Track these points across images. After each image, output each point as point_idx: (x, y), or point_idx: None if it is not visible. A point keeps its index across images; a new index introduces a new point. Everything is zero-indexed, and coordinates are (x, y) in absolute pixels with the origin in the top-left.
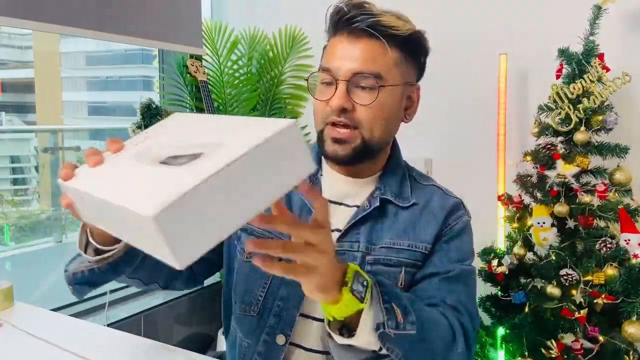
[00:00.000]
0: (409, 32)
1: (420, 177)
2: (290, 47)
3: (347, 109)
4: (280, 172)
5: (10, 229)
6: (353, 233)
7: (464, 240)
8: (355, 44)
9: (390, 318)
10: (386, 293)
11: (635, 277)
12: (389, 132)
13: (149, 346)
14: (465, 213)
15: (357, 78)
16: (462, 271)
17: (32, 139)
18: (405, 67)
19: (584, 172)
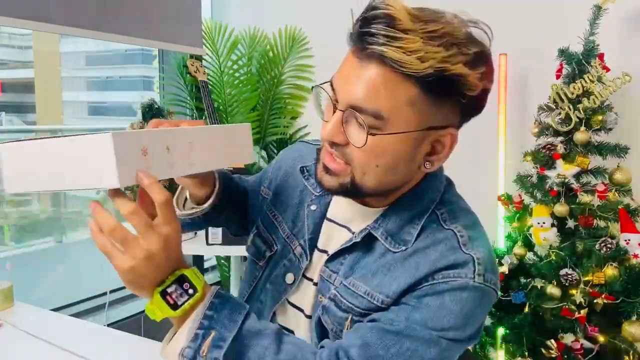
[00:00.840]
0: (424, 72)
1: (449, 216)
2: (290, 47)
3: (337, 143)
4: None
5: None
6: (338, 261)
7: (447, 305)
8: (363, 67)
9: (191, 345)
10: (211, 317)
11: (635, 277)
12: (390, 180)
13: (149, 346)
14: (468, 275)
15: (353, 112)
16: (411, 331)
17: None
18: (427, 108)
19: (584, 172)
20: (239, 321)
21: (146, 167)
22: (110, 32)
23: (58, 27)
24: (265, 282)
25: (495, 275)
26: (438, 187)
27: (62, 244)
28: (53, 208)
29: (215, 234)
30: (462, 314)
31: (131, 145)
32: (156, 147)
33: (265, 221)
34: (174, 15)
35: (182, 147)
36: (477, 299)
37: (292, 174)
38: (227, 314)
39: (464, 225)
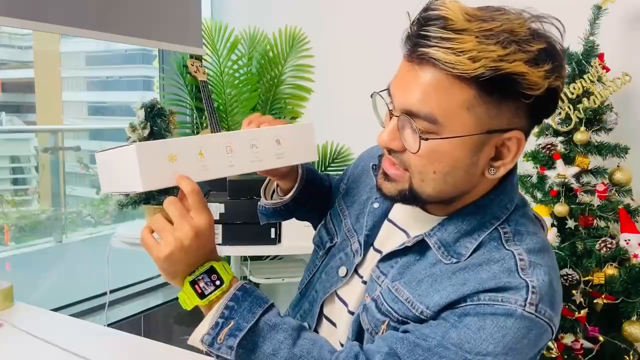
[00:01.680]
0: (477, 72)
1: (514, 237)
2: (290, 47)
3: (394, 149)
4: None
5: (10, 229)
6: (389, 263)
7: (487, 329)
8: (415, 71)
9: (211, 332)
10: (232, 308)
11: (635, 277)
12: (450, 187)
13: (149, 346)
14: (518, 301)
15: (408, 117)
16: (443, 350)
17: (32, 139)
18: (485, 111)
19: (584, 172)
20: (258, 314)
21: (174, 171)
22: (110, 32)
23: (58, 27)
24: (322, 272)
25: (552, 310)
26: (505, 204)
27: (62, 244)
28: (53, 208)
29: (215, 234)
30: (502, 342)
31: (155, 154)
32: (186, 153)
33: (333, 213)
34: (174, 15)
35: (218, 151)
36: (524, 329)
37: (367, 171)
38: (248, 306)
39: (528, 250)
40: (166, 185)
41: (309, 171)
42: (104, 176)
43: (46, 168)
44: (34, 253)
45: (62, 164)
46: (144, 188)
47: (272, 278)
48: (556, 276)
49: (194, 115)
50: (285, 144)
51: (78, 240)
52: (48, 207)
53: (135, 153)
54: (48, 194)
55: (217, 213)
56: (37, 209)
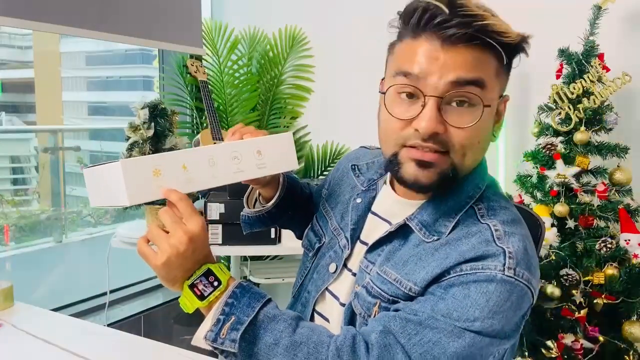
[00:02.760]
0: (518, 38)
1: (488, 212)
2: (290, 47)
3: (438, 132)
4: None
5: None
6: (376, 252)
7: (472, 296)
8: (451, 51)
9: (213, 329)
10: (232, 305)
11: (635, 277)
12: (481, 156)
13: (149, 346)
14: (497, 267)
15: (454, 92)
16: (434, 322)
17: (32, 139)
18: (503, 78)
19: (584, 172)
20: (257, 307)
21: (159, 185)
22: (110, 32)
23: (58, 27)
24: (313, 273)
25: (530, 273)
26: (477, 184)
27: (62, 244)
28: (53, 208)
29: (215, 234)
30: (487, 306)
31: (139, 169)
32: (170, 167)
33: (319, 216)
34: (174, 15)
35: (201, 163)
36: (505, 293)
37: (347, 173)
38: (247, 301)
39: (502, 221)
40: (152, 199)
41: (290, 179)
42: (92, 190)
43: (46, 168)
44: (34, 253)
45: (62, 164)
46: (129, 202)
47: (272, 278)
48: (530, 244)
49: (194, 115)
50: (265, 155)
51: (78, 240)
52: (48, 207)
53: (121, 169)
54: (48, 194)
55: (217, 213)
56: (37, 209)
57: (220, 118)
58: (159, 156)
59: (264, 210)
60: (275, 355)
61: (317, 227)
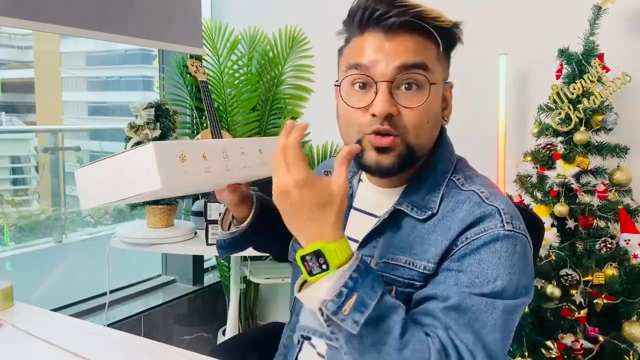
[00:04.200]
0: (451, 23)
1: (466, 181)
2: (290, 47)
3: (392, 114)
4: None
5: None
6: (370, 246)
7: (485, 259)
8: (394, 40)
9: (335, 301)
10: (356, 280)
11: (635, 277)
12: (433, 136)
13: (149, 346)
14: (498, 225)
15: (402, 76)
16: (467, 300)
17: (32, 139)
18: (444, 63)
19: (584, 172)
20: (379, 293)
21: (184, 171)
22: (110, 32)
23: (58, 27)
24: None
25: (522, 224)
26: (449, 158)
27: (62, 244)
28: (53, 208)
29: (215, 234)
30: (501, 263)
31: (169, 152)
32: (193, 154)
33: None
34: (174, 15)
35: (217, 155)
36: (510, 246)
37: None
38: (370, 282)
39: (482, 185)
40: (179, 184)
41: (263, 198)
42: (89, 190)
43: (46, 168)
44: (34, 253)
45: (62, 164)
46: (162, 183)
47: (272, 278)
48: (510, 200)
49: (194, 115)
50: (266, 154)
51: (78, 240)
52: (48, 207)
53: (153, 151)
54: (48, 194)
55: (217, 213)
56: (37, 209)
57: (220, 118)
58: (184, 142)
59: (241, 229)
60: (385, 344)
61: None
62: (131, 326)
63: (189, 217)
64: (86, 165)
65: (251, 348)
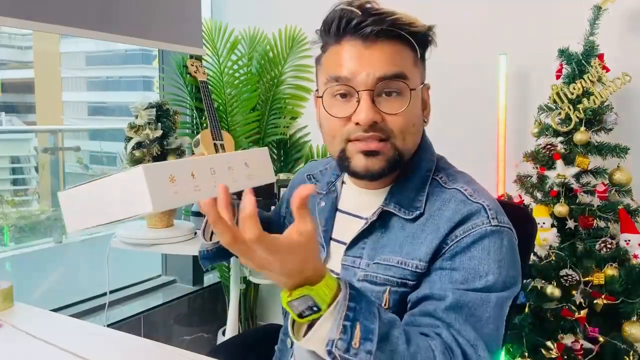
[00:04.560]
0: (425, 28)
1: (449, 179)
2: (290, 47)
3: (376, 121)
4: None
5: (10, 229)
6: (358, 247)
7: (476, 256)
8: (372, 48)
9: (343, 338)
10: (354, 309)
11: (635, 277)
12: (418, 139)
13: (149, 346)
14: (484, 222)
15: (382, 84)
16: (463, 297)
17: (32, 139)
18: (421, 67)
19: (584, 173)
20: (376, 312)
21: (174, 192)
22: (110, 32)
23: (58, 27)
24: None
25: (505, 217)
26: (430, 158)
27: (62, 244)
28: (53, 208)
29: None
30: (490, 258)
31: (159, 174)
32: (182, 174)
33: None
34: (174, 15)
35: (205, 172)
36: (498, 241)
37: (304, 183)
38: (366, 305)
39: (465, 182)
40: (170, 206)
41: None
42: (75, 213)
43: (46, 168)
44: (34, 253)
45: (62, 164)
46: (153, 208)
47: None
48: (493, 196)
49: (194, 116)
50: (252, 166)
51: (78, 240)
52: (48, 208)
53: (144, 174)
54: (48, 194)
55: None
56: (37, 209)
57: (220, 118)
58: (172, 163)
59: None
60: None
61: None
62: (131, 326)
63: (189, 217)
64: (70, 188)
65: (251, 348)
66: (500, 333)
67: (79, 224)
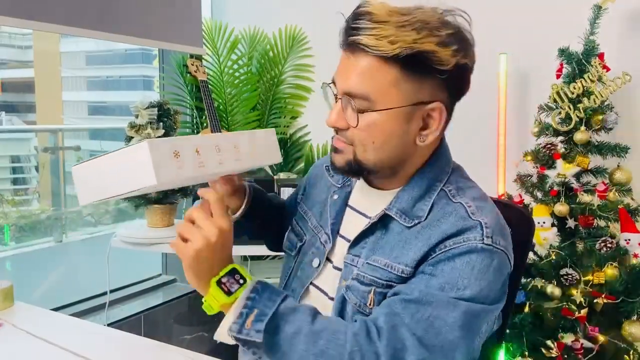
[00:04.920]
0: (395, 51)
1: (457, 192)
2: (290, 47)
3: (339, 127)
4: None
5: (10, 228)
6: (359, 246)
7: (458, 267)
8: (351, 59)
9: (237, 321)
10: (253, 299)
11: (635, 277)
12: (388, 155)
13: (149, 346)
14: (477, 238)
15: (347, 97)
16: (429, 297)
17: (32, 138)
18: (410, 86)
19: (584, 172)
20: (277, 301)
21: (178, 167)
22: (110, 32)
23: (58, 27)
24: (297, 271)
25: (504, 240)
26: (443, 168)
27: (62, 244)
28: (53, 208)
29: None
30: (473, 274)
31: (163, 149)
32: (186, 150)
33: (298, 218)
34: (174, 15)
35: (210, 149)
36: (487, 259)
37: (322, 175)
38: (267, 296)
39: (472, 198)
40: (173, 179)
41: (256, 189)
42: (87, 187)
43: (46, 168)
44: (34, 253)
45: (62, 164)
46: (157, 180)
47: (272, 278)
48: (500, 216)
49: (194, 115)
50: (257, 147)
51: (78, 240)
52: (48, 207)
53: (148, 148)
54: (48, 194)
55: None
56: (37, 208)
57: (220, 118)
58: (177, 139)
59: (233, 220)
60: (297, 344)
61: (298, 228)
62: (131, 326)
63: None
64: (82, 162)
65: None
66: (470, 348)
67: (91, 197)
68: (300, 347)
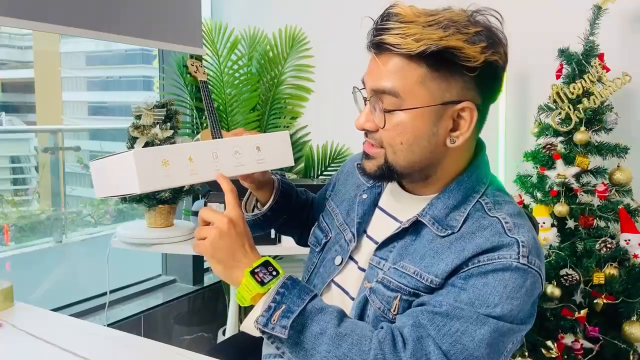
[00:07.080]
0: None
1: (494, 206)
2: (290, 47)
3: (368, 129)
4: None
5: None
6: (387, 249)
7: (491, 284)
8: (379, 59)
9: (264, 314)
10: (283, 294)
11: (635, 277)
12: (417, 157)
13: (149, 346)
14: (512, 256)
15: (375, 97)
16: (458, 311)
17: (32, 139)
18: (437, 85)
19: (584, 172)
20: (306, 299)
21: (166, 175)
22: (110, 32)
23: (58, 27)
24: (319, 267)
25: (540, 261)
26: (481, 179)
27: (62, 244)
28: (53, 208)
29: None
30: (505, 293)
31: (150, 159)
32: (177, 158)
33: (325, 214)
34: (174, 15)
35: (205, 157)
36: (520, 279)
37: (352, 172)
38: (297, 293)
39: (509, 214)
40: (160, 187)
41: (285, 183)
42: (99, 182)
43: (46, 168)
44: (34, 253)
45: (62, 164)
46: (140, 190)
47: None
48: (535, 235)
49: (194, 115)
50: (264, 151)
51: (78, 240)
52: (48, 207)
53: (133, 158)
54: (48, 194)
55: None
56: (37, 209)
57: (220, 118)
58: (167, 147)
59: (260, 213)
60: (320, 344)
61: (324, 224)
62: (131, 326)
63: (189, 217)
64: (97, 159)
65: (251, 348)
66: None
67: (103, 192)
68: (323, 348)
